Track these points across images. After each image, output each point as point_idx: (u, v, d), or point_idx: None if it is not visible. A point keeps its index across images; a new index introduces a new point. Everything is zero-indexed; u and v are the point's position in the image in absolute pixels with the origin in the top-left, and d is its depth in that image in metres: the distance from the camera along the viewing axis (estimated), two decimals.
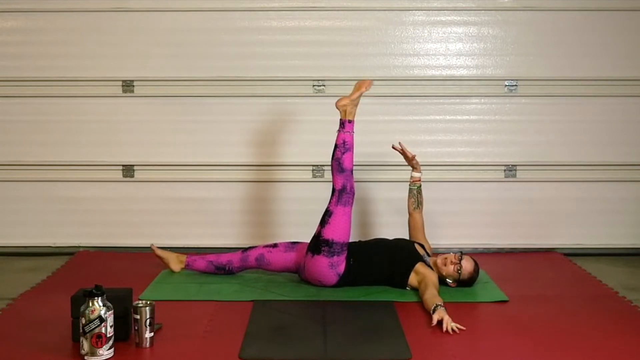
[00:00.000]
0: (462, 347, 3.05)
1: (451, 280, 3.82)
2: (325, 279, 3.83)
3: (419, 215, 4.17)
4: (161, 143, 4.75)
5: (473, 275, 3.85)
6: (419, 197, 4.16)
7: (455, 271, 3.81)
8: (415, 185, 4.16)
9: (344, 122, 3.87)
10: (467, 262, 3.83)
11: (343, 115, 3.87)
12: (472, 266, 3.84)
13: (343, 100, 3.88)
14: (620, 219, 4.81)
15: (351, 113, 3.87)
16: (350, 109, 3.87)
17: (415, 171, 4.16)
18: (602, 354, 3.00)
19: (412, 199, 4.15)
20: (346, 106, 3.86)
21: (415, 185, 4.16)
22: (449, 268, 3.82)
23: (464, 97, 4.75)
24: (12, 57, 4.71)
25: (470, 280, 3.85)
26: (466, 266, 3.82)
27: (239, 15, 4.69)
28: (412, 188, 4.16)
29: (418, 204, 4.15)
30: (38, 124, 4.73)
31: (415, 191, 4.15)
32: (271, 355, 2.94)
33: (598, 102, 4.75)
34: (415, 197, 4.15)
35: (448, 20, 4.73)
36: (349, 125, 3.87)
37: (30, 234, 4.78)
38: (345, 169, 3.86)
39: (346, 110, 3.86)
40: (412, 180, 4.16)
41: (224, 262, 4.08)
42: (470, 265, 3.84)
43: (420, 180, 4.15)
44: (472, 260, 3.86)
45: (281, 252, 4.01)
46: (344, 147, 3.86)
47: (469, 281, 3.85)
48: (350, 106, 3.86)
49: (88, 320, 2.80)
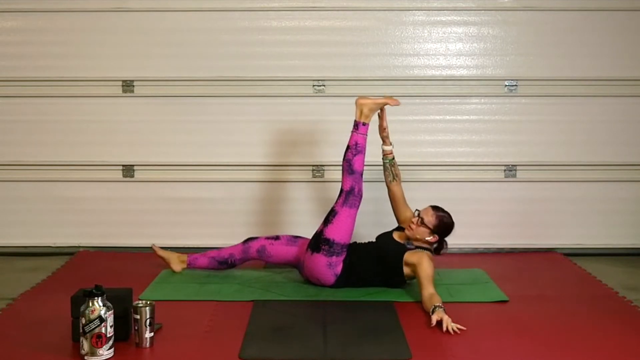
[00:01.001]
0: (462, 347, 3.05)
1: (429, 237, 3.85)
2: (322, 278, 3.83)
3: (398, 187, 4.12)
4: (161, 143, 4.75)
5: (439, 215, 3.86)
6: (393, 169, 4.09)
7: (419, 224, 3.83)
8: (387, 158, 4.09)
9: (358, 124, 3.87)
10: (424, 210, 3.88)
11: (358, 116, 3.87)
12: (430, 209, 3.88)
13: (365, 98, 3.89)
14: (620, 219, 4.81)
15: (367, 116, 3.87)
16: (367, 112, 3.87)
17: (385, 144, 4.08)
18: (602, 354, 3.00)
19: (387, 172, 4.10)
20: (364, 105, 3.86)
21: (387, 158, 4.09)
22: (416, 230, 3.85)
23: (464, 97, 4.75)
24: (12, 57, 4.71)
25: (442, 223, 3.85)
26: (425, 214, 3.85)
27: (239, 15, 4.69)
28: (385, 162, 4.09)
29: (394, 176, 4.10)
30: (38, 124, 4.73)
31: (389, 164, 4.09)
32: (271, 355, 2.94)
33: (598, 102, 4.75)
34: (389, 171, 4.09)
35: (448, 20, 4.73)
36: (363, 127, 3.87)
37: (30, 234, 4.78)
38: (355, 171, 3.86)
39: (363, 110, 3.87)
40: (384, 153, 4.09)
41: (226, 256, 4.11)
42: (429, 209, 3.88)
43: (392, 152, 4.09)
44: (429, 206, 3.89)
45: (283, 245, 4.03)
46: (355, 149, 3.86)
47: (443, 225, 3.86)
48: (368, 107, 3.87)
49: (88, 320, 2.80)
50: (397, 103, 3.95)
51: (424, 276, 3.60)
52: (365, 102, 3.88)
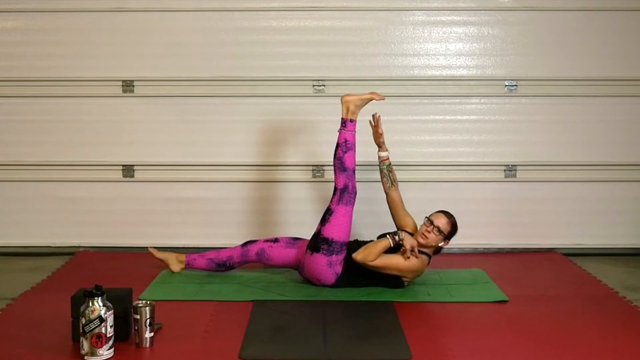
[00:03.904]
0: (462, 347, 3.05)
1: (442, 243, 3.86)
2: (323, 278, 3.83)
3: (396, 192, 4.11)
4: (161, 143, 4.75)
5: (451, 221, 3.87)
6: (391, 175, 4.09)
7: (435, 233, 3.83)
8: (385, 164, 4.08)
9: (346, 121, 3.87)
10: (436, 218, 3.87)
11: (345, 114, 3.87)
12: (442, 216, 3.88)
13: (350, 95, 3.88)
14: (620, 219, 4.81)
15: (354, 113, 3.87)
16: (354, 109, 3.87)
17: (382, 150, 4.07)
18: (602, 354, 3.00)
19: (385, 178, 4.09)
20: (349, 102, 3.86)
21: (384, 164, 4.08)
22: (429, 237, 3.84)
23: (464, 97, 4.75)
24: (12, 57, 4.70)
25: (454, 228, 3.88)
26: (439, 221, 3.85)
27: (239, 15, 4.69)
28: (382, 168, 4.09)
29: (392, 182, 4.09)
30: (38, 124, 4.73)
31: (386, 170, 4.08)
32: (271, 355, 2.94)
33: (598, 102, 4.75)
34: (387, 177, 4.08)
35: (448, 20, 4.73)
36: (351, 124, 3.86)
37: (30, 234, 4.78)
38: (347, 168, 3.86)
39: (349, 107, 3.86)
40: (381, 160, 4.08)
41: (225, 259, 4.09)
42: (441, 215, 3.88)
43: (389, 158, 4.08)
44: (438, 213, 3.90)
45: (282, 248, 4.02)
46: (345, 146, 3.86)
47: (454, 229, 3.89)
48: (354, 104, 3.86)
49: (88, 320, 2.80)
50: (382, 98, 3.93)
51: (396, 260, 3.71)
52: (350, 99, 3.88)
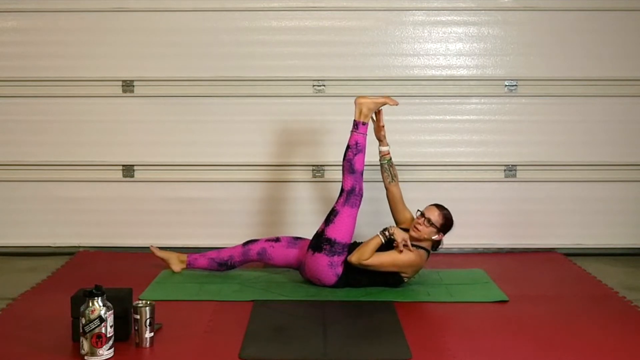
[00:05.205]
0: (462, 347, 3.05)
1: (435, 236, 3.84)
2: (324, 278, 3.83)
3: (396, 188, 4.10)
4: (161, 143, 4.75)
5: (444, 213, 3.85)
6: (391, 170, 4.08)
7: (426, 225, 3.82)
8: (385, 159, 4.07)
9: (358, 124, 3.88)
10: (428, 210, 3.86)
11: (357, 116, 3.88)
12: (434, 208, 3.87)
13: (365, 97, 3.90)
14: (620, 219, 4.81)
15: (367, 116, 3.89)
16: (367, 111, 3.89)
17: (382, 145, 4.07)
18: (602, 353, 3.00)
19: (385, 173, 4.08)
20: (363, 105, 3.88)
21: (385, 159, 4.07)
22: (422, 230, 3.83)
23: (464, 97, 4.75)
24: (12, 57, 4.70)
25: (448, 220, 3.85)
26: (431, 215, 3.84)
27: (239, 15, 4.69)
28: (383, 163, 4.08)
29: (392, 177, 4.08)
30: (38, 124, 4.73)
31: (387, 165, 4.07)
32: (271, 355, 2.94)
33: (598, 102, 4.75)
34: (387, 172, 4.07)
35: (448, 20, 4.73)
36: (363, 127, 3.88)
37: (30, 234, 4.78)
38: (356, 171, 3.87)
39: (362, 109, 3.88)
40: (382, 154, 4.08)
41: (226, 258, 4.10)
42: (433, 208, 3.87)
43: (390, 153, 4.07)
44: (431, 206, 3.89)
45: (283, 248, 4.02)
46: (356, 148, 3.87)
47: (448, 222, 3.86)
48: (367, 107, 3.88)
49: (88, 320, 2.80)
50: (396, 103, 3.96)
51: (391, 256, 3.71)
52: (364, 102, 3.89)
